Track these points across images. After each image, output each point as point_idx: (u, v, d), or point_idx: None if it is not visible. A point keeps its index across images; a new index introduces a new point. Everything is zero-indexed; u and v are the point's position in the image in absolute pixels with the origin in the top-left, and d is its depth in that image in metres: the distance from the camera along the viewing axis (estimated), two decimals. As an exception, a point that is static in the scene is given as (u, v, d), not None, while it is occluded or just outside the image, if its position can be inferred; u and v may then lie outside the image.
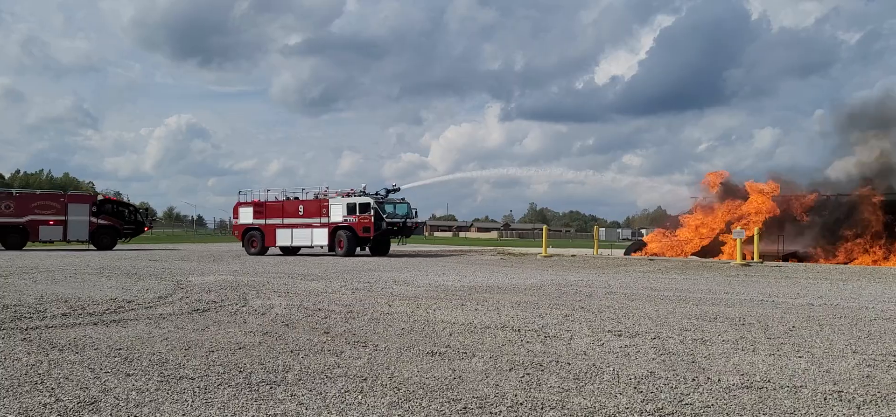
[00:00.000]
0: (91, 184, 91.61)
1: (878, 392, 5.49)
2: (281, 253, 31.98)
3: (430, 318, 9.48)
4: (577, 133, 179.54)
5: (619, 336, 8.11)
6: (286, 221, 30.86)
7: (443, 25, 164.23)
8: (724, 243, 27.90)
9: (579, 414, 4.85)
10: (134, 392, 5.35)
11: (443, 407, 5.01)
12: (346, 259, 27.34)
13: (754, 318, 9.65)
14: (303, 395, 5.30)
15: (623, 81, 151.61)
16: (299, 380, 5.78)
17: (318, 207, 30.07)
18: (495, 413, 4.88)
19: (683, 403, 5.15)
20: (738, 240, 23.92)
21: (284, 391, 5.44)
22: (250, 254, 30.04)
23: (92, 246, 34.88)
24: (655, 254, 29.76)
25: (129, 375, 5.94)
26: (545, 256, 28.88)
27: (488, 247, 47.39)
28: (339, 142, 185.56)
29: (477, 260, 27.44)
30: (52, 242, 34.91)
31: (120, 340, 7.61)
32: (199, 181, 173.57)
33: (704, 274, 18.71)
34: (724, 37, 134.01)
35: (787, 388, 5.61)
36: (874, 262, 24.31)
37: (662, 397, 5.32)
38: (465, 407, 5.01)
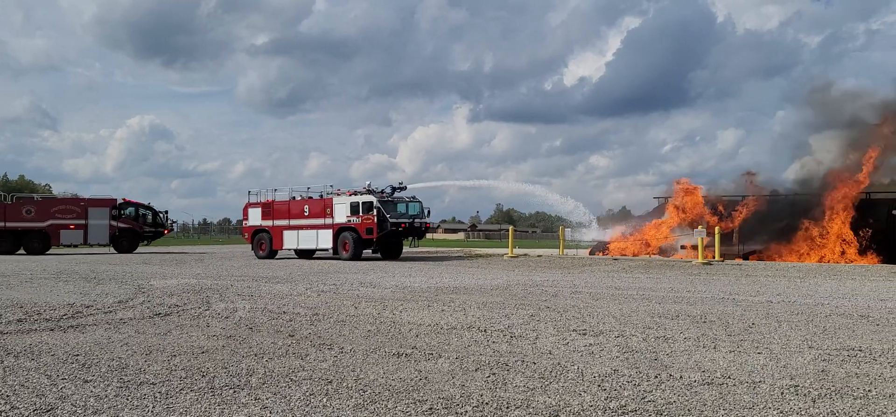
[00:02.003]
0: (48, 187, 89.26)
1: (833, 386, 5.64)
2: (296, 256, 30.52)
3: (396, 320, 9.46)
4: (545, 134, 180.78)
5: (584, 334, 8.20)
6: (292, 223, 29.40)
7: (413, 25, 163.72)
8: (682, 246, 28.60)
9: (544, 413, 4.89)
10: (92, 399, 5.24)
11: (408, 409, 5.00)
12: (308, 261, 27.13)
13: (715, 316, 9.84)
14: (267, 399, 5.25)
15: (591, 83, 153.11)
16: (263, 384, 5.73)
17: (322, 207, 28.44)
18: (461, 414, 4.89)
19: (646, 400, 5.23)
20: (700, 240, 24.36)
21: (248, 394, 5.38)
22: (259, 258, 28.78)
23: (112, 250, 34.69)
24: (621, 254, 30.15)
25: (87, 381, 5.81)
26: (511, 256, 29.03)
27: (455, 248, 47.47)
28: (305, 144, 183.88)
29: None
30: (73, 246, 34.82)
31: (77, 346, 7.45)
32: (162, 183, 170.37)
33: (667, 273, 19.00)
34: (690, 39, 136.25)
35: (746, 384, 5.73)
36: (824, 259, 24.96)
37: (626, 394, 5.40)
38: (430, 408, 5.02)
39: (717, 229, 25.22)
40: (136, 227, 35.65)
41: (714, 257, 24.41)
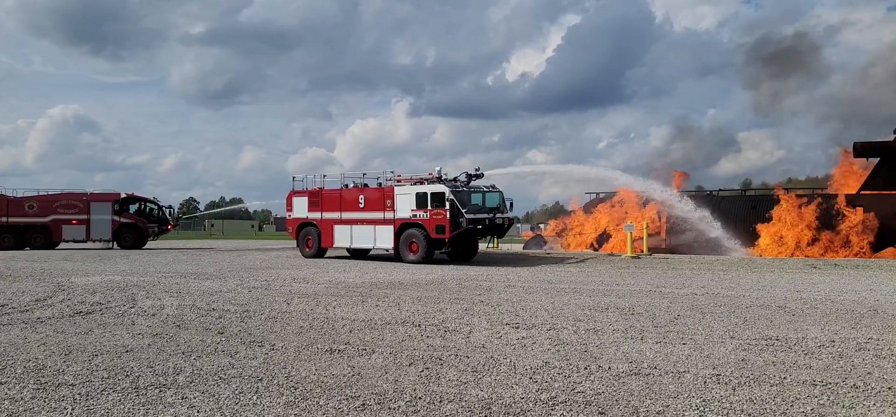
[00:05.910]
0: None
1: (752, 375, 5.90)
2: (349, 255, 26.34)
3: (329, 316, 9.36)
4: (484, 129, 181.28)
5: (517, 328, 8.31)
6: (345, 216, 24.91)
7: (356, 18, 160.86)
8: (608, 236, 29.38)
9: (477, 406, 4.93)
10: (6, 402, 4.99)
11: (341, 405, 4.96)
12: (240, 256, 26.49)
13: (643, 308, 10.12)
14: (194, 398, 5.11)
15: (531, 79, 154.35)
16: (191, 382, 5.57)
17: (381, 198, 23.84)
18: (394, 409, 4.88)
19: (576, 391, 5.34)
20: (629, 233, 25.01)
21: (174, 394, 5.22)
22: (306, 256, 25.37)
23: (116, 246, 33.36)
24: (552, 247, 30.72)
25: (0, 383, 5.53)
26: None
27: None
28: (239, 137, 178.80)
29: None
30: (75, 242, 33.56)
31: (-9, 347, 7.07)
32: (86, 177, 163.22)
33: (598, 267, 19.45)
34: (629, 37, 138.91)
35: (671, 374, 5.93)
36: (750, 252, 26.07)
37: (556, 386, 5.50)
38: (363, 404, 4.99)
39: (644, 224, 25.96)
40: (140, 223, 34.55)
41: (643, 251, 25.11)
